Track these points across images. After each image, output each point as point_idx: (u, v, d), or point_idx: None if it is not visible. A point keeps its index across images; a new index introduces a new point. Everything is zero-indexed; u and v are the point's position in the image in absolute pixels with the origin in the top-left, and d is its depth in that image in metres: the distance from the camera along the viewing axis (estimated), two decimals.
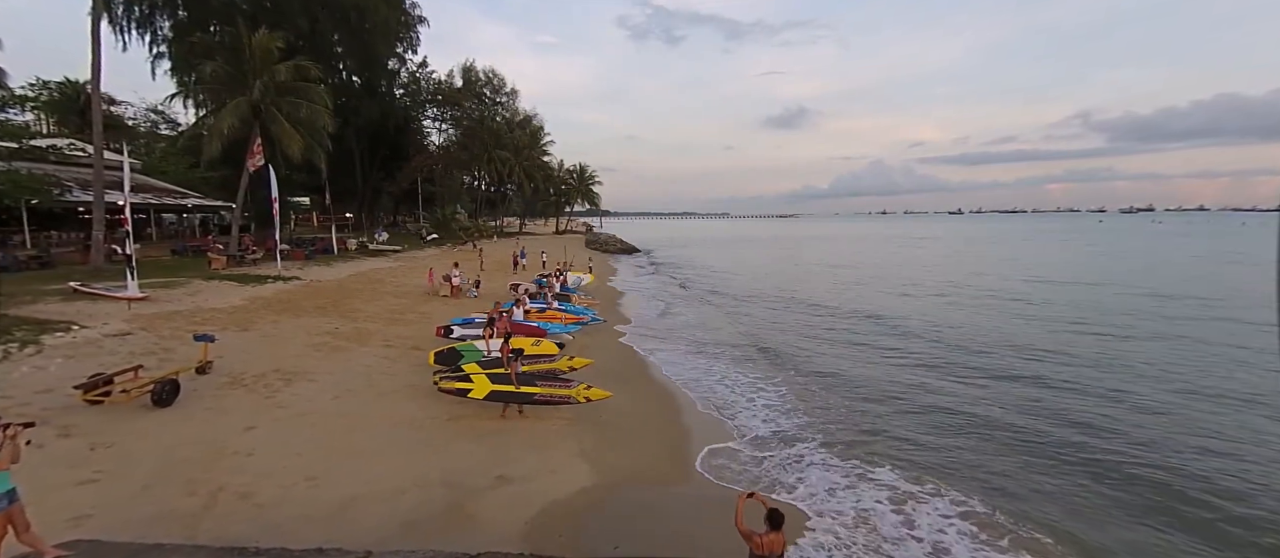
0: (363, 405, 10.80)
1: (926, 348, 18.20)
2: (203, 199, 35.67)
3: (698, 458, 9.86)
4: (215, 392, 10.73)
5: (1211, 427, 11.37)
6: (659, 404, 12.60)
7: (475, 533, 6.86)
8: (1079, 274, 39.08)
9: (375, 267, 30.52)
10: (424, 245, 46.37)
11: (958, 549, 7.40)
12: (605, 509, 7.79)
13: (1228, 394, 13.28)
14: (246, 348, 13.61)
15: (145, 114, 47.37)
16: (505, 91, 68.88)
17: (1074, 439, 10.86)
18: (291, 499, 7.40)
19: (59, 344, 12.27)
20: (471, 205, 76.26)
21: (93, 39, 21.64)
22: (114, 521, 6.64)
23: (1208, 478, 9.26)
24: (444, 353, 13.39)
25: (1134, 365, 15.72)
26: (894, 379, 14.84)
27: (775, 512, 5.19)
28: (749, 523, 5.27)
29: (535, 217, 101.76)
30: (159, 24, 35.15)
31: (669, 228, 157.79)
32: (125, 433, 8.77)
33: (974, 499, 8.57)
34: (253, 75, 27.90)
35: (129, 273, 16.42)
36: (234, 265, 25.64)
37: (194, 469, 7.90)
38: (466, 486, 8.03)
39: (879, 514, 8.15)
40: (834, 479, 9.15)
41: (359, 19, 38.89)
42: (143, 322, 14.70)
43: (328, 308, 18.76)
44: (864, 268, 45.51)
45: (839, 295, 29.93)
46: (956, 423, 11.71)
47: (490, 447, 9.34)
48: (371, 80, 47.22)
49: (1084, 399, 13.06)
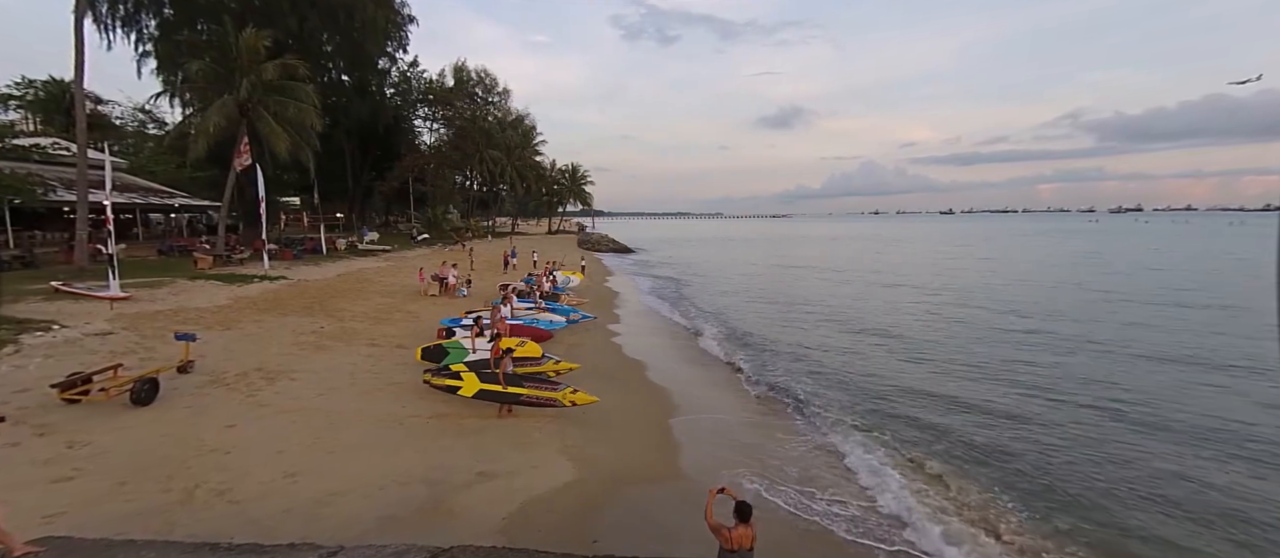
0: (345, 403, 10.77)
1: (922, 346, 18.23)
2: (190, 199, 35.43)
3: (681, 455, 9.90)
4: (196, 390, 10.68)
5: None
6: (645, 402, 12.61)
7: (453, 528, 6.87)
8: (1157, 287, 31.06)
9: (363, 266, 30.41)
10: (414, 245, 46.23)
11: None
12: (586, 505, 7.80)
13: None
14: (229, 347, 13.55)
15: (133, 113, 47.04)
16: (497, 91, 68.76)
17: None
18: (269, 496, 7.38)
19: (38, 344, 12.17)
20: (464, 205, 76.06)
21: (76, 37, 21.43)
22: (88, 518, 6.61)
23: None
24: (431, 349, 13.41)
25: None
26: (889, 370, 15.29)
27: (744, 504, 5.22)
28: (719, 517, 5.31)
29: (528, 217, 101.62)
30: (144, 23, 34.83)
31: (663, 228, 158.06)
32: (103, 431, 8.71)
33: (974, 493, 8.76)
34: (239, 74, 27.72)
35: (110, 272, 16.29)
36: (220, 265, 25.47)
37: (171, 467, 7.86)
38: (447, 482, 8.03)
39: (863, 497, 8.24)
40: (818, 472, 9.23)
41: (347, 18, 38.67)
42: (125, 321, 14.60)
43: (313, 307, 18.68)
44: (873, 269, 45.41)
45: (831, 296, 30.08)
46: (947, 410, 11.85)
47: (473, 444, 9.34)
48: (362, 79, 46.98)
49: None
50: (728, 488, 5.72)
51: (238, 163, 26.81)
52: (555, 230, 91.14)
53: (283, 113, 29.14)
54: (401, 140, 58.60)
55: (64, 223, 29.14)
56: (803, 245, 79.79)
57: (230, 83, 27.97)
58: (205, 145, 27.43)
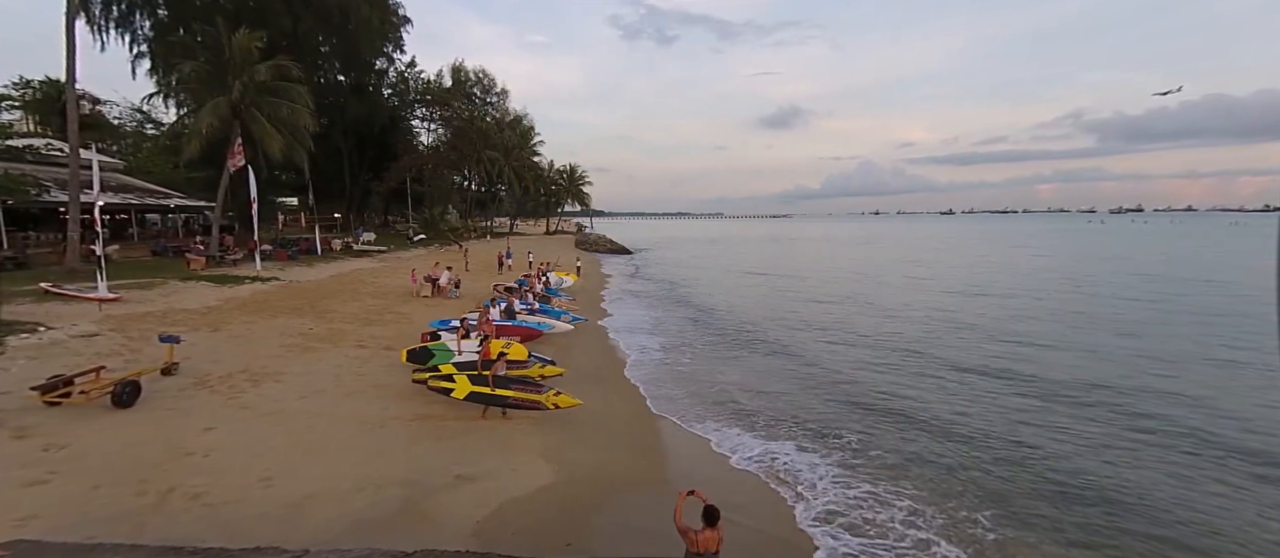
0: (329, 406, 10.74)
1: (920, 357, 16.88)
2: (186, 199, 35.42)
3: (664, 458, 9.88)
4: (178, 393, 10.65)
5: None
6: (629, 405, 12.60)
7: (425, 531, 6.84)
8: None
9: (357, 267, 30.40)
10: (410, 246, 46.22)
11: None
12: (562, 508, 7.78)
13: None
14: (216, 349, 13.53)
15: (131, 113, 47.05)
16: (495, 92, 68.91)
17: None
18: (244, 500, 7.35)
19: (23, 345, 12.16)
20: (462, 206, 76.11)
21: (67, 38, 21.46)
22: (60, 521, 6.58)
23: None
24: (416, 351, 13.38)
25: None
26: (880, 383, 14.79)
27: (711, 508, 5.21)
28: (687, 520, 5.30)
29: (526, 217, 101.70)
30: (138, 24, 34.86)
31: (663, 228, 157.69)
32: (81, 434, 8.68)
33: (979, 514, 8.63)
34: (232, 75, 27.72)
35: (99, 273, 16.28)
36: (213, 266, 25.46)
37: (147, 470, 7.83)
38: (424, 484, 8.01)
39: (839, 505, 8.21)
40: (801, 476, 9.21)
41: (342, 18, 38.71)
42: (113, 323, 14.59)
43: (303, 309, 18.66)
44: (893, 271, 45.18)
45: (842, 297, 29.94)
46: (930, 427, 11.79)
47: (454, 447, 9.32)
48: (359, 80, 47.02)
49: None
50: (698, 491, 5.71)
51: (231, 164, 26.82)
52: (553, 231, 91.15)
53: (276, 114, 29.17)
54: (399, 140, 58.66)
55: (58, 224, 29.14)
56: (837, 248, 73.73)
57: (223, 84, 27.97)
58: (199, 146, 27.46)
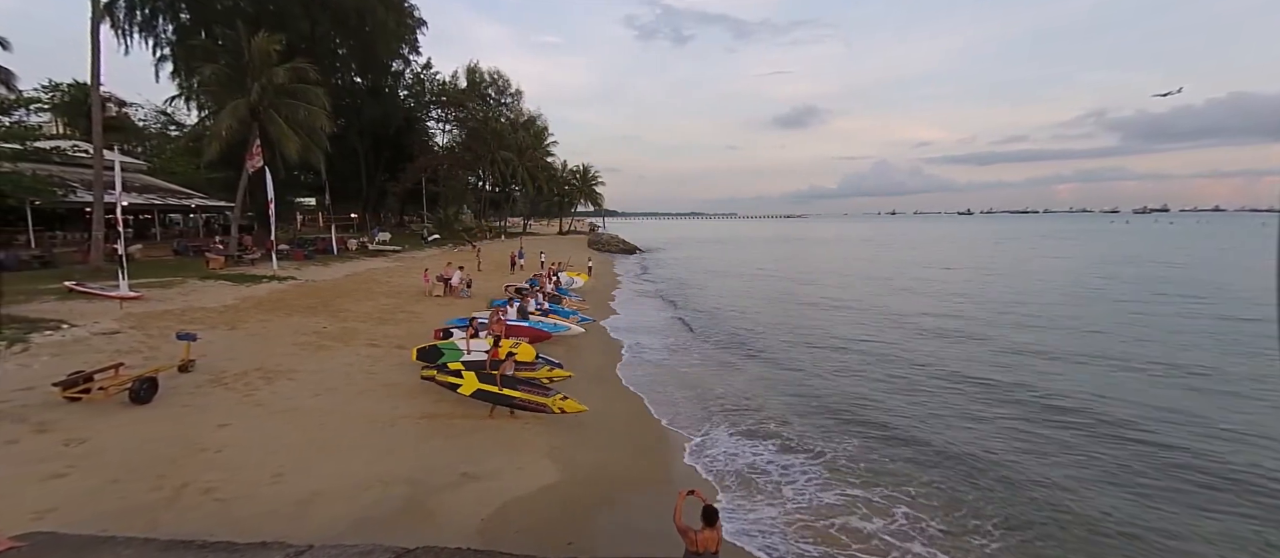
0: (340, 403, 10.89)
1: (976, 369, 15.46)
2: (207, 199, 36.14)
3: (670, 459, 9.88)
4: (194, 390, 10.88)
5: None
6: (632, 406, 12.59)
7: (429, 529, 6.92)
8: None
9: (372, 267, 30.78)
10: (425, 246, 46.69)
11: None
12: (566, 508, 7.82)
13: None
14: (232, 347, 13.79)
15: (155, 115, 48.10)
16: (510, 93, 69.32)
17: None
18: (255, 496, 7.49)
19: (46, 342, 12.49)
20: (477, 206, 76.74)
21: (92, 42, 22.01)
22: (77, 515, 6.75)
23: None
24: (426, 350, 13.53)
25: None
26: (876, 392, 14.46)
27: (710, 509, 5.21)
28: (687, 520, 5.30)
29: (540, 217, 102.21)
30: (161, 27, 35.65)
31: (676, 228, 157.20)
32: (100, 429, 8.91)
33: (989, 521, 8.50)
34: (251, 77, 28.23)
35: (120, 272, 16.67)
36: (232, 266, 25.95)
37: (163, 465, 8.01)
38: (430, 483, 8.09)
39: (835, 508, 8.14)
40: (803, 483, 9.14)
41: (359, 21, 39.25)
42: (134, 320, 14.94)
43: (318, 308, 18.94)
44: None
45: (849, 301, 29.65)
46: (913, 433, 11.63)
47: (461, 445, 9.40)
48: (375, 81, 47.63)
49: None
50: (697, 491, 5.71)
51: (250, 165, 27.30)
52: (566, 231, 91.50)
53: (293, 115, 29.64)
54: (414, 141, 59.30)
55: (84, 223, 29.91)
56: (847, 249, 72.83)
57: (243, 86, 28.50)
58: (218, 148, 27.99)
